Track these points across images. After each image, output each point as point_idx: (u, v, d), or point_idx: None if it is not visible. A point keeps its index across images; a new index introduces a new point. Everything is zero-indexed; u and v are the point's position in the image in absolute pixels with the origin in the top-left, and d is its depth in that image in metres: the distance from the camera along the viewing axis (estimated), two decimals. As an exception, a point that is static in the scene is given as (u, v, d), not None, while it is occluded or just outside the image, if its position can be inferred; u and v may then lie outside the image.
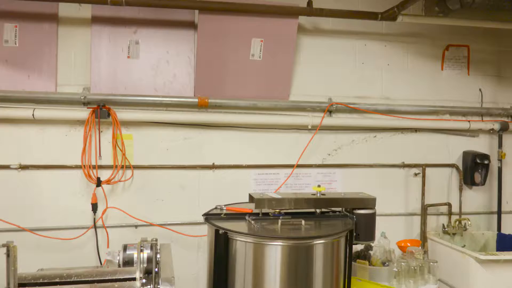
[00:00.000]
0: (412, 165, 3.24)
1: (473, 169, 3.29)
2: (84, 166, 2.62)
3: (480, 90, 3.40)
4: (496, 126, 3.31)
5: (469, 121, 3.29)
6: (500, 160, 3.37)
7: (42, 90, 2.62)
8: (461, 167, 3.33)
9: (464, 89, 3.37)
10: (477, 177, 3.28)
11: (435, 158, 3.31)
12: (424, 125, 3.21)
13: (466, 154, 3.34)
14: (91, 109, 2.60)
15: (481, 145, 3.40)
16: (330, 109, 3.01)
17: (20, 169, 2.61)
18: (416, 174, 3.26)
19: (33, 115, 2.54)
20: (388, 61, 3.21)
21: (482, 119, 3.38)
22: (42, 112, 2.57)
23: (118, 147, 2.68)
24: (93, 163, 2.66)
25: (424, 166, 3.23)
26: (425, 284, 2.65)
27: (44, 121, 2.63)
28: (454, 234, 3.21)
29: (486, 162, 3.25)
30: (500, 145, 3.36)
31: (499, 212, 3.35)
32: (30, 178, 2.63)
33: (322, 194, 2.25)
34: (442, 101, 3.30)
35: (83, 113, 2.61)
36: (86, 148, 2.63)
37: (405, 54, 3.24)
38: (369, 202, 2.25)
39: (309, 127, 2.94)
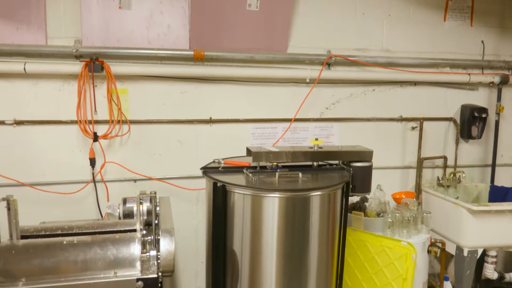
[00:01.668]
0: (409, 119, 3.24)
1: (471, 122, 3.29)
2: (80, 121, 2.60)
3: (482, 42, 3.32)
4: (496, 79, 3.27)
5: (469, 74, 3.25)
6: (498, 114, 3.36)
7: (32, 43, 2.54)
8: (458, 121, 3.34)
9: (466, 41, 3.30)
10: (474, 131, 3.29)
11: (433, 112, 3.30)
12: (423, 78, 3.17)
13: (464, 108, 3.33)
14: (83, 62, 2.54)
15: (480, 98, 3.38)
16: (328, 62, 2.95)
17: (15, 125, 2.59)
18: (413, 128, 3.26)
19: (24, 69, 2.48)
20: (390, 12, 3.11)
21: (482, 72, 3.34)
22: (34, 66, 2.51)
23: (114, 101, 2.64)
24: (89, 118, 2.63)
25: (421, 120, 3.23)
26: (418, 234, 2.73)
27: (36, 76, 2.57)
28: (448, 186, 3.27)
29: (484, 115, 3.25)
30: (499, 98, 3.34)
31: (493, 165, 3.40)
32: (26, 134, 2.61)
33: (320, 148, 2.26)
34: (443, 54, 3.24)
35: (76, 66, 2.55)
36: (81, 103, 2.59)
37: (407, 4, 3.13)
38: (365, 155, 2.27)
39: (307, 80, 2.90)
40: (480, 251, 2.86)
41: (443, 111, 3.33)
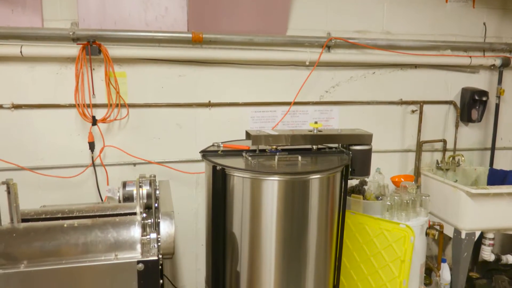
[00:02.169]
0: (409, 102, 3.22)
1: (471, 106, 3.28)
2: (78, 105, 2.58)
3: (484, 24, 3.28)
4: (498, 62, 3.25)
5: (470, 57, 3.22)
6: (498, 97, 3.35)
7: (28, 25, 2.50)
8: (459, 104, 3.32)
9: (467, 23, 3.26)
10: (474, 114, 3.28)
11: (434, 95, 3.28)
12: (424, 61, 3.14)
13: (464, 91, 3.31)
14: (81, 45, 2.51)
15: (480, 81, 3.36)
16: (328, 45, 2.92)
17: (13, 109, 2.57)
18: (413, 111, 3.25)
19: (21, 52, 2.45)
20: (391, -8, 3.07)
21: (484, 54, 3.31)
22: (30, 49, 2.48)
23: (112, 85, 2.62)
24: (87, 101, 2.61)
25: (421, 103, 3.21)
26: (417, 216, 2.75)
27: (33, 59, 2.54)
28: (447, 169, 3.28)
29: (484, 98, 3.24)
30: (499, 81, 3.32)
31: (492, 148, 3.41)
32: (24, 118, 2.60)
33: (319, 131, 2.25)
34: (444, 36, 3.20)
35: (73, 49, 2.52)
36: (78, 87, 2.57)
37: (408, -15, 3.09)
38: (365, 138, 2.26)
39: (307, 63, 2.87)
40: (477, 234, 2.89)
41: (443, 94, 3.31)
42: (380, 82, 3.15)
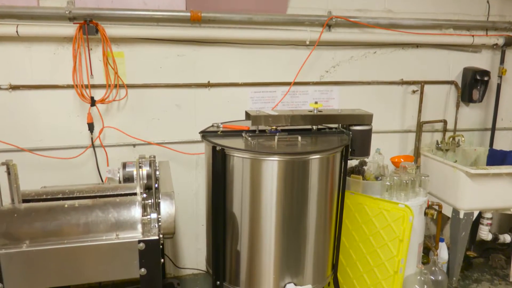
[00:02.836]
0: (410, 82, 3.20)
1: (472, 86, 3.25)
2: (76, 85, 2.56)
3: (487, 2, 3.23)
4: (500, 41, 3.20)
5: (472, 36, 3.17)
6: (500, 77, 3.32)
7: (23, 4, 2.45)
8: (460, 84, 3.30)
9: (470, 1, 3.20)
10: (475, 94, 3.26)
11: (435, 75, 3.25)
12: (426, 40, 3.10)
13: (466, 71, 3.28)
14: (77, 24, 2.47)
15: (482, 61, 3.33)
16: (329, 23, 2.88)
17: (11, 90, 2.55)
18: (414, 91, 3.23)
19: (17, 31, 2.41)
20: (393, -30, 3.00)
21: (486, 33, 3.27)
22: (26, 28, 2.44)
23: (110, 65, 2.59)
24: (85, 82, 2.59)
25: (422, 83, 3.19)
26: (416, 196, 2.76)
27: (29, 39, 2.51)
28: (447, 150, 3.28)
29: (486, 78, 3.21)
30: (502, 61, 3.29)
31: (493, 129, 3.40)
32: (22, 98, 2.58)
33: (319, 111, 2.24)
34: (446, 15, 3.15)
35: (70, 29, 2.48)
36: (76, 67, 2.55)
37: (412, -39, 3.02)
38: (365, 118, 2.25)
39: (307, 42, 2.83)
40: (476, 214, 2.91)
41: (445, 74, 3.28)
42: (381, 62, 3.12)
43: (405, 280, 2.62)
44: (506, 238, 3.14)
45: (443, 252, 3.04)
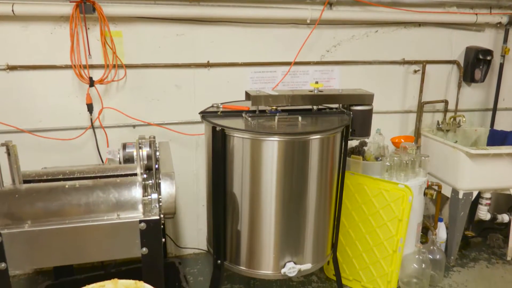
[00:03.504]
0: (412, 62, 3.16)
1: (474, 65, 3.22)
2: (74, 65, 2.53)
3: (493, -22, 3.16)
4: (504, 19, 3.15)
5: (476, 14, 3.12)
6: (503, 56, 3.28)
7: (18, -18, 2.41)
8: (462, 64, 3.26)
9: (475, -22, 3.14)
10: (477, 74, 3.23)
11: (437, 55, 3.21)
12: (429, 18, 3.05)
13: (469, 50, 3.24)
14: (74, 3, 2.42)
15: (485, 40, 3.28)
16: (330, 1, 2.82)
17: (8, 70, 2.52)
18: (415, 71, 3.19)
19: (12, 10, 2.37)
20: None
21: (490, 12, 3.21)
22: (22, 7, 2.39)
23: (108, 45, 2.56)
24: (83, 62, 2.56)
25: (424, 63, 3.15)
26: (415, 177, 2.77)
27: (26, 18, 2.46)
28: (447, 130, 3.28)
29: (488, 58, 3.17)
30: (505, 40, 3.24)
31: (494, 109, 3.38)
32: (20, 79, 2.55)
33: (320, 91, 2.22)
34: (450, -8, 3.09)
35: (66, 8, 2.43)
36: (74, 47, 2.51)
37: None
38: (366, 98, 2.24)
39: (308, 21, 2.78)
40: (475, 194, 2.92)
41: (447, 53, 3.24)
42: (383, 41, 3.08)
43: (404, 258, 2.66)
44: (504, 218, 3.17)
45: (441, 232, 3.07)
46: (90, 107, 2.62)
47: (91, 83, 2.57)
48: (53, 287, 2.16)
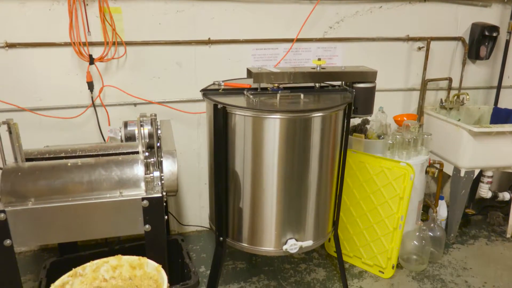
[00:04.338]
0: (416, 39, 3.11)
1: (480, 42, 3.16)
2: (74, 43, 2.50)
3: (500, -48, 3.07)
4: (512, -6, 3.08)
5: (483, -11, 3.05)
6: (509, 33, 3.22)
7: (14, -44, 2.35)
8: (467, 41, 3.21)
9: (483, -49, 3.05)
10: (483, 51, 3.18)
11: (442, 31, 3.15)
12: (434, -7, 2.98)
13: (474, 26, 3.17)
14: (72, -22, 2.37)
15: (492, 16, 3.22)
16: (334, -24, 2.76)
17: (7, 48, 2.49)
18: (420, 48, 3.14)
19: (9, -14, 2.33)
20: None
21: (498, -14, 3.13)
22: (19, -18, 2.35)
23: (107, 21, 2.52)
24: (83, 40, 2.53)
25: (429, 40, 3.10)
26: (417, 155, 2.77)
27: (23, -6, 2.43)
28: (451, 108, 3.25)
29: (494, 34, 3.11)
30: (512, 15, 3.18)
31: (498, 87, 3.34)
32: (19, 57, 2.53)
33: (322, 68, 2.19)
34: (457, -34, 3.02)
35: (64, -17, 2.39)
36: (73, 23, 2.47)
37: None
38: (369, 76, 2.21)
39: (311, -3, 2.73)
40: (477, 172, 2.92)
41: (452, 30, 3.18)
42: (387, 17, 3.02)
43: (404, 236, 2.69)
44: (505, 196, 3.18)
45: (442, 210, 3.09)
46: (90, 85, 2.60)
47: (91, 60, 2.54)
48: (58, 263, 2.19)
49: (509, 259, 2.89)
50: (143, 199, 1.76)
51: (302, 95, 2.08)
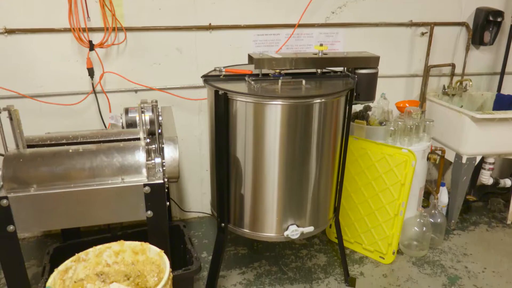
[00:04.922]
0: (420, 24, 3.07)
1: (484, 27, 3.12)
2: (73, 29, 2.47)
3: None
4: (518, -22, 3.03)
5: (488, -28, 3.00)
6: (514, 18, 3.18)
7: None
8: (471, 26, 3.16)
9: None
10: (487, 36, 3.14)
11: (446, 16, 3.11)
12: (438, -23, 2.93)
13: (479, 11, 3.13)
14: (70, -38, 2.34)
15: (497, 1, 3.17)
16: (336, -40, 2.71)
17: (6, 34, 2.47)
18: (423, 34, 3.11)
19: (7, -30, 2.30)
20: None
21: (503, -31, 3.08)
22: (17, -33, 2.32)
23: (107, 7, 2.49)
24: (82, 25, 2.50)
25: (432, 25, 3.06)
26: (419, 142, 2.76)
27: (21, -22, 2.39)
28: (453, 95, 3.23)
29: (499, 19, 3.07)
30: (517, 0, 3.13)
31: (502, 73, 3.31)
32: (19, 43, 2.51)
33: (324, 54, 2.17)
34: (462, -51, 2.96)
35: (63, -33, 2.36)
36: (72, 9, 2.45)
37: None
38: (371, 61, 2.18)
39: (313, -19, 2.69)
40: (478, 159, 2.92)
41: (456, 15, 3.14)
42: (390, 2, 2.97)
43: (405, 222, 2.70)
44: (506, 182, 3.18)
45: (443, 196, 3.10)
46: (91, 72, 2.58)
47: (91, 46, 2.52)
48: (61, 249, 2.21)
49: (509, 245, 2.91)
50: (145, 185, 1.76)
51: (303, 81, 2.06)
